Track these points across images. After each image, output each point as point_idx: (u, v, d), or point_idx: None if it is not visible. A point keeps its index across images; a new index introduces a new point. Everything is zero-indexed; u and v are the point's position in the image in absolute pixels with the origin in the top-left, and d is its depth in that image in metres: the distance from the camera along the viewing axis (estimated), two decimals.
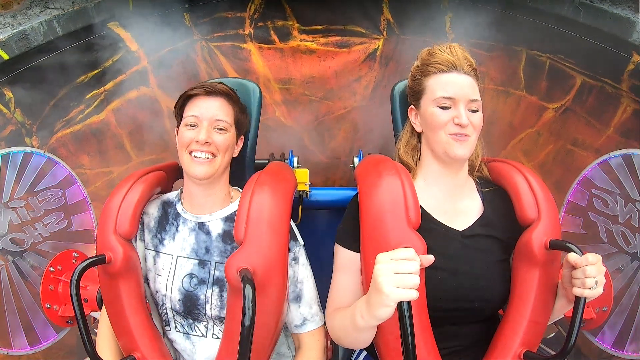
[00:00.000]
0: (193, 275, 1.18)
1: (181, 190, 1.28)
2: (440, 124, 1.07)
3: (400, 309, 0.83)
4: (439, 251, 1.00)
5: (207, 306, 1.16)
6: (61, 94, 2.12)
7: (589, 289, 0.91)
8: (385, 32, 2.21)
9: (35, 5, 1.95)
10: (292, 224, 1.20)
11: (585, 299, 0.92)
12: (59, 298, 1.92)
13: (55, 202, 2.13)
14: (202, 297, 1.16)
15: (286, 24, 2.21)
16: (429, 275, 0.97)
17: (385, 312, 0.85)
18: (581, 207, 2.11)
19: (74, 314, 1.00)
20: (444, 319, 1.05)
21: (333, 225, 1.18)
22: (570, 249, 0.96)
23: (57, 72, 2.06)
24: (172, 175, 1.33)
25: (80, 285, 1.01)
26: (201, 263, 1.18)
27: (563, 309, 1.07)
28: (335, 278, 1.12)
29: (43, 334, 2.11)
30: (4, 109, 2.03)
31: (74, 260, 2.04)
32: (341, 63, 2.25)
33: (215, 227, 1.20)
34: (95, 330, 1.65)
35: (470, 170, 1.19)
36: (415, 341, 0.83)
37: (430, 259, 0.90)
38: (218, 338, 1.18)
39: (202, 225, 1.20)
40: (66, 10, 1.98)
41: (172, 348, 1.23)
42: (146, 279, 1.23)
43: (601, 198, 2.08)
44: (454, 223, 1.11)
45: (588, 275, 0.91)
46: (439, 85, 1.07)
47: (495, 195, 1.17)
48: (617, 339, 2.05)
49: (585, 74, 2.10)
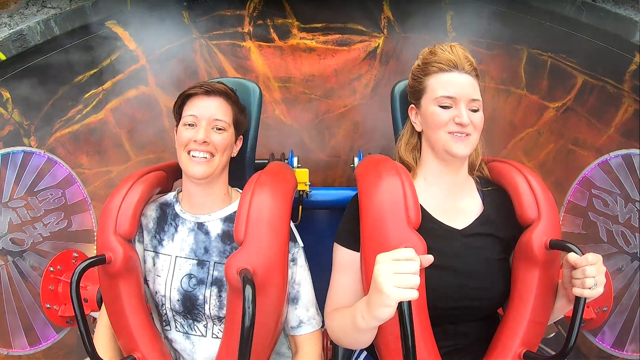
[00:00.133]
0: (192, 276, 1.18)
1: (179, 191, 1.28)
2: (441, 123, 1.06)
3: (401, 309, 0.82)
4: (439, 250, 1.00)
5: (206, 306, 1.16)
6: (59, 94, 2.11)
7: (589, 289, 0.91)
8: (385, 30, 2.20)
9: (32, 5, 1.94)
10: (292, 225, 1.20)
11: (585, 299, 0.92)
12: (59, 298, 1.92)
13: (55, 202, 2.13)
14: (201, 297, 1.16)
15: (286, 22, 2.20)
16: (428, 274, 0.97)
17: (386, 313, 0.85)
18: (581, 207, 2.11)
19: (74, 314, 1.00)
20: (443, 317, 1.05)
21: (333, 225, 1.18)
22: (570, 249, 0.95)
23: (55, 72, 2.05)
24: (172, 175, 1.32)
25: (80, 285, 1.01)
26: (200, 263, 1.18)
27: (563, 309, 1.06)
28: (334, 278, 1.12)
29: (43, 334, 2.11)
30: (2, 110, 2.02)
31: (74, 260, 2.04)
32: (341, 61, 2.24)
33: (215, 228, 1.20)
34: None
35: (471, 170, 1.19)
36: (415, 341, 0.83)
37: (429, 259, 0.90)
38: (218, 338, 1.18)
39: (201, 226, 1.20)
40: (63, 10, 1.96)
41: (172, 348, 1.23)
42: (146, 280, 1.23)
43: (601, 198, 2.08)
44: (453, 222, 1.11)
45: (588, 275, 0.91)
46: (440, 84, 1.07)
47: (495, 194, 1.17)
48: (617, 339, 2.05)
49: (586, 73, 2.09)
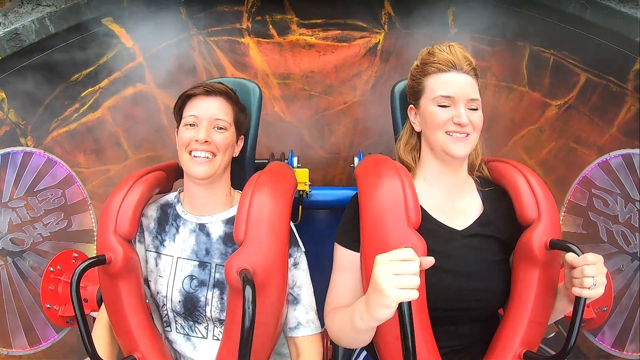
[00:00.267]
0: (193, 277, 1.17)
1: (180, 191, 1.28)
2: (440, 123, 1.06)
3: (401, 310, 0.82)
4: (439, 251, 1.00)
5: (208, 308, 1.15)
6: (55, 93, 2.09)
7: (588, 288, 0.91)
8: (386, 26, 2.17)
9: (27, 3, 1.91)
10: (294, 229, 1.20)
11: (585, 299, 0.92)
12: (59, 298, 1.92)
13: (55, 202, 2.13)
14: (203, 299, 1.16)
15: (285, 17, 2.16)
16: (428, 274, 0.97)
17: (386, 313, 0.85)
18: (581, 207, 2.11)
19: (74, 314, 0.99)
20: (443, 318, 1.05)
21: (333, 225, 1.18)
22: (570, 249, 0.95)
23: (51, 71, 2.03)
24: (172, 176, 1.32)
25: (80, 285, 1.01)
26: (201, 265, 1.18)
27: (565, 309, 1.06)
28: (334, 277, 1.12)
29: (43, 334, 2.11)
30: None
31: (74, 260, 2.04)
32: (341, 58, 2.20)
33: (216, 229, 1.20)
34: None
35: (470, 170, 1.19)
36: (415, 341, 0.83)
37: (430, 261, 0.89)
38: (218, 340, 1.17)
39: (203, 227, 1.20)
40: (58, 7, 1.93)
41: (173, 349, 1.23)
42: (147, 280, 1.23)
43: (601, 198, 2.07)
44: (453, 222, 1.11)
45: (586, 275, 0.91)
46: (439, 84, 1.07)
47: (495, 194, 1.16)
48: (617, 339, 2.05)
49: (589, 71, 2.07)
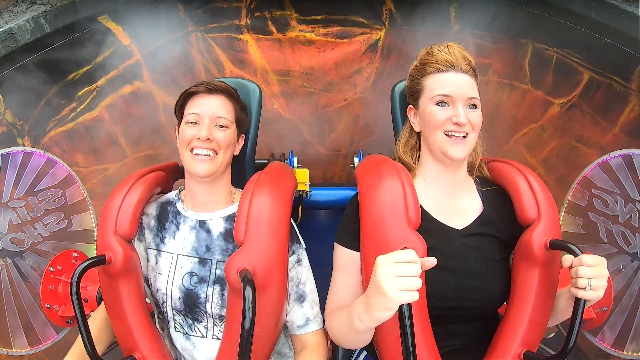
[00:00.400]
0: (193, 274, 1.18)
1: (181, 189, 1.28)
2: (438, 122, 1.06)
3: (401, 311, 0.82)
4: (439, 250, 1.00)
5: (208, 304, 1.16)
6: (52, 93, 2.08)
7: (583, 289, 0.91)
8: (387, 23, 2.14)
9: (22, 2, 1.89)
10: (294, 226, 1.20)
11: (584, 300, 0.92)
12: (59, 298, 1.92)
13: (55, 202, 2.13)
14: (203, 296, 1.16)
15: (284, 13, 2.14)
16: (428, 274, 0.97)
17: (387, 315, 0.85)
18: (581, 207, 2.11)
19: (74, 314, 1.00)
20: (443, 317, 1.05)
21: (333, 225, 1.18)
22: (570, 249, 0.95)
23: (47, 71, 2.02)
24: (172, 176, 1.32)
25: (80, 285, 1.01)
26: (202, 261, 1.18)
27: (569, 310, 1.06)
28: (335, 277, 1.12)
29: (43, 334, 2.11)
30: None
31: (74, 260, 2.04)
32: (341, 54, 2.19)
33: (217, 226, 1.20)
34: None
35: (470, 170, 1.19)
36: (415, 341, 0.83)
37: (432, 262, 0.89)
38: (218, 339, 1.17)
39: (203, 223, 1.20)
40: (54, 5, 1.91)
41: (173, 348, 1.23)
42: (147, 279, 1.23)
43: (601, 198, 2.08)
44: (453, 222, 1.11)
45: (580, 276, 0.91)
46: (437, 84, 1.07)
47: (495, 194, 1.17)
48: (617, 339, 2.05)
49: (593, 70, 2.05)
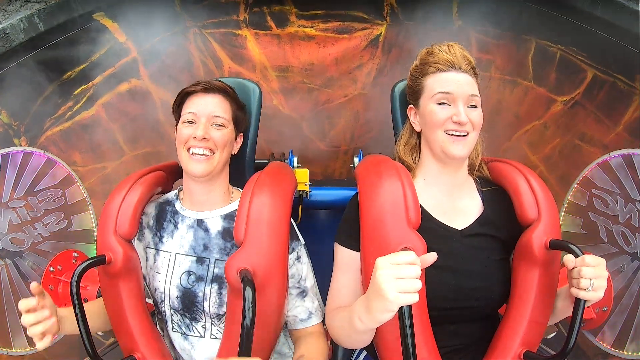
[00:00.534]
0: (191, 273, 1.18)
1: (180, 189, 1.28)
2: (439, 121, 1.06)
3: (401, 312, 0.83)
4: (439, 250, 1.00)
5: (206, 303, 1.16)
6: (48, 92, 2.07)
7: (584, 290, 0.91)
8: (388, 18, 2.12)
9: (15, 0, 1.87)
10: (293, 223, 1.20)
11: (584, 301, 0.92)
12: (59, 298, 1.92)
13: (55, 202, 2.13)
14: (201, 294, 1.16)
15: (283, 8, 2.11)
16: (428, 274, 0.97)
17: (387, 316, 0.85)
18: (581, 207, 2.11)
19: (74, 314, 1.00)
20: (443, 317, 1.05)
21: (333, 224, 1.18)
22: (570, 249, 0.95)
23: (42, 70, 2.00)
24: (172, 176, 1.32)
25: (80, 285, 1.01)
26: (199, 260, 1.18)
27: (568, 309, 1.06)
28: (335, 277, 1.12)
29: None
30: None
31: (74, 260, 2.04)
32: (341, 50, 2.16)
33: (215, 225, 1.20)
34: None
35: (470, 170, 1.19)
36: (415, 342, 0.83)
37: (431, 258, 0.88)
38: (216, 338, 1.17)
39: (201, 222, 1.20)
40: (48, 3, 1.88)
41: (172, 347, 1.23)
42: (146, 278, 1.23)
43: (601, 198, 2.08)
44: (453, 222, 1.11)
45: (582, 276, 0.91)
46: (438, 83, 1.08)
47: (495, 194, 1.16)
48: (617, 339, 2.05)
49: (597, 68, 2.04)
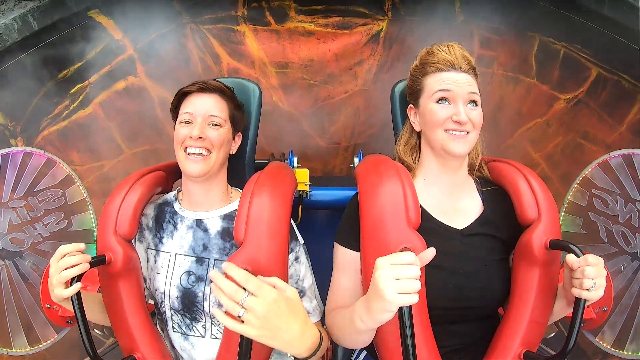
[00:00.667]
0: (191, 273, 1.18)
1: (179, 190, 1.28)
2: (439, 120, 1.07)
3: (401, 312, 0.83)
4: (439, 250, 1.00)
5: (206, 303, 1.16)
6: (43, 92, 2.05)
7: (587, 290, 0.91)
8: (389, 13, 2.09)
9: None
10: (292, 223, 1.20)
11: (585, 300, 0.92)
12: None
13: (55, 202, 2.13)
14: (201, 294, 1.16)
15: (282, 4, 2.09)
16: (428, 274, 0.97)
17: (387, 317, 0.86)
18: (581, 207, 2.11)
19: (74, 314, 0.99)
20: (443, 317, 1.05)
21: (333, 225, 1.18)
22: (570, 249, 0.95)
23: (37, 69, 1.99)
24: (172, 176, 1.32)
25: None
26: (199, 260, 1.19)
27: (564, 310, 1.06)
28: (334, 277, 1.12)
29: (43, 334, 2.11)
30: None
31: None
32: (342, 45, 2.14)
33: (214, 225, 1.20)
34: (97, 331, 1.66)
35: (470, 170, 1.19)
36: (415, 342, 0.83)
37: (431, 253, 0.88)
38: (217, 338, 1.18)
39: (200, 223, 1.20)
40: (42, 1, 1.86)
41: (172, 348, 1.23)
42: (147, 279, 1.24)
43: (601, 198, 2.08)
44: (453, 222, 1.11)
45: (586, 276, 0.91)
46: (437, 82, 1.08)
47: (495, 194, 1.17)
48: (617, 339, 2.05)
49: (601, 66, 2.02)
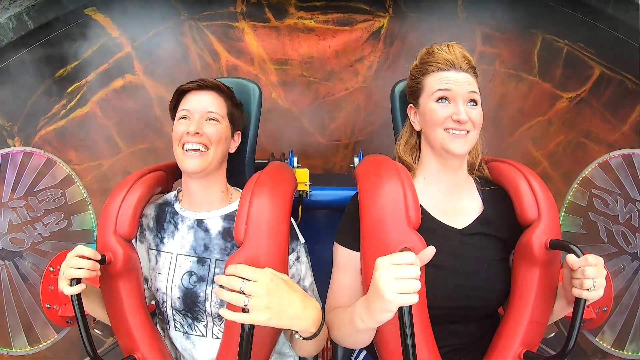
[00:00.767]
0: (192, 273, 1.18)
1: (179, 190, 1.29)
2: (439, 120, 1.07)
3: (401, 312, 0.83)
4: (439, 250, 1.00)
5: (207, 303, 1.16)
6: (40, 91, 2.04)
7: (587, 290, 0.91)
8: (390, 10, 2.08)
9: None
10: (293, 223, 1.20)
11: (584, 300, 0.92)
12: (59, 298, 1.91)
13: (55, 202, 2.13)
14: (202, 295, 1.16)
15: (281, 0, 2.08)
16: (428, 273, 0.97)
17: (387, 317, 0.86)
18: (581, 207, 2.11)
19: (74, 314, 0.99)
20: (443, 317, 1.05)
21: (333, 224, 1.18)
22: (570, 249, 0.95)
23: (33, 69, 1.98)
24: (172, 176, 1.32)
25: None
26: (200, 260, 1.19)
27: (563, 310, 1.06)
28: (334, 277, 1.12)
29: (43, 333, 2.11)
30: None
31: None
32: (342, 42, 2.13)
33: (215, 225, 1.20)
34: (97, 331, 1.66)
35: (470, 170, 1.20)
36: (415, 342, 0.83)
37: (431, 252, 0.89)
38: (218, 338, 1.18)
39: (201, 223, 1.20)
40: (37, 0, 1.84)
41: (173, 347, 1.24)
42: (148, 279, 1.24)
43: (601, 198, 2.08)
44: (453, 222, 1.11)
45: (587, 277, 0.91)
46: (437, 81, 1.08)
47: (495, 194, 1.17)
48: (617, 339, 2.05)
49: (605, 65, 2.01)
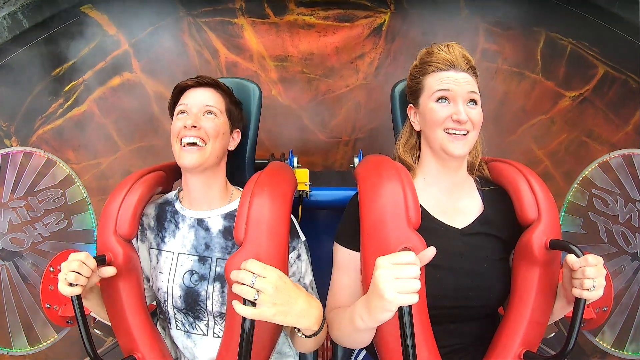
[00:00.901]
0: (194, 272, 1.18)
1: (179, 189, 1.29)
2: (439, 120, 1.07)
3: (401, 312, 0.83)
4: (439, 249, 1.00)
5: (209, 302, 1.16)
6: (36, 90, 2.03)
7: (587, 290, 0.91)
8: (392, 6, 2.07)
9: None
10: (294, 220, 1.20)
11: (584, 300, 0.92)
12: (59, 298, 1.91)
13: (55, 202, 2.13)
14: (203, 293, 1.16)
15: None
16: (428, 273, 0.97)
17: (387, 316, 0.86)
18: (581, 207, 2.11)
19: (74, 314, 0.99)
20: (443, 317, 1.05)
21: (333, 224, 1.18)
22: (570, 249, 0.95)
23: (30, 68, 1.97)
24: (172, 176, 1.32)
25: None
26: (201, 259, 1.19)
27: (563, 309, 1.06)
28: (334, 277, 1.12)
29: (43, 333, 2.11)
30: None
31: None
32: (343, 39, 2.11)
33: (215, 224, 1.20)
34: (96, 331, 1.66)
35: (470, 169, 1.20)
36: (415, 342, 0.83)
37: (431, 252, 0.89)
38: (219, 337, 1.18)
39: (201, 222, 1.21)
40: None
41: (174, 346, 1.24)
42: (149, 279, 1.24)
43: (601, 198, 2.08)
44: (453, 222, 1.12)
45: (587, 277, 0.91)
46: (437, 81, 1.08)
47: (495, 194, 1.17)
48: (617, 339, 2.05)
49: (609, 64, 2.01)
